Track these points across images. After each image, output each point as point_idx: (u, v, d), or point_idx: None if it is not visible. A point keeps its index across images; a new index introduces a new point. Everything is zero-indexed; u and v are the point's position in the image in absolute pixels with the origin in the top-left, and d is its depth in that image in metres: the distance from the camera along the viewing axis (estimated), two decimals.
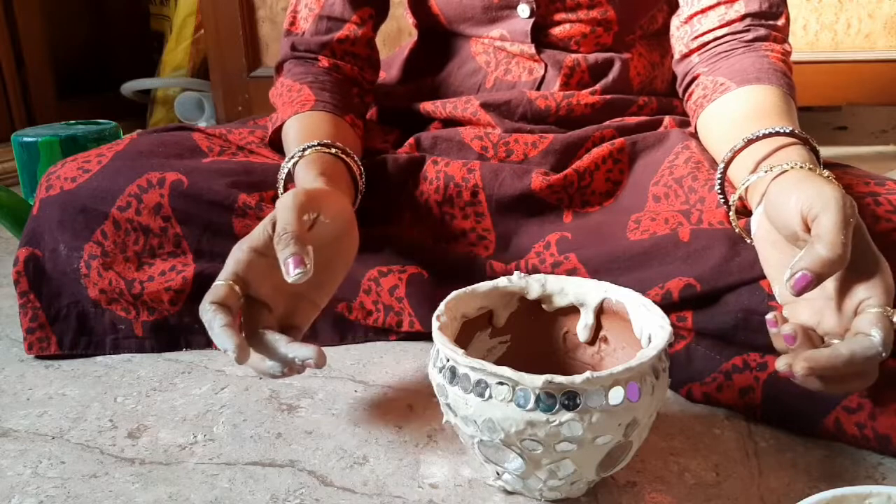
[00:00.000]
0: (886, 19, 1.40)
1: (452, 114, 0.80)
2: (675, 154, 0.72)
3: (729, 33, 0.70)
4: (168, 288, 0.72)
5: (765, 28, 0.70)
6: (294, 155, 0.66)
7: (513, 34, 0.79)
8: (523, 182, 0.72)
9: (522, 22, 0.78)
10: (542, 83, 0.79)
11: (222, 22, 1.59)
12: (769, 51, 0.69)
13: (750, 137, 0.58)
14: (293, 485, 0.53)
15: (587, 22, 0.78)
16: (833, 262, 0.45)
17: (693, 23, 0.73)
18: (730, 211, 0.59)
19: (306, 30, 0.80)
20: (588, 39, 0.79)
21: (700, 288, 0.60)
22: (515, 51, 0.80)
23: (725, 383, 0.61)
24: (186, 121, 1.79)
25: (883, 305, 0.46)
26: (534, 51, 0.79)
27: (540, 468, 0.47)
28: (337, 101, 0.75)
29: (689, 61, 0.73)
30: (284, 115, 0.73)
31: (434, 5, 0.82)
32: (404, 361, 0.71)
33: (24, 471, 0.56)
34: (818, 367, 0.45)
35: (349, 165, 0.68)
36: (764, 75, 0.66)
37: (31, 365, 0.73)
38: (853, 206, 0.48)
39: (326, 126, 0.71)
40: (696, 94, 0.71)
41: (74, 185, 0.72)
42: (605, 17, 0.77)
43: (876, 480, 0.53)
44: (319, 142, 0.66)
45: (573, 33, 0.78)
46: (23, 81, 1.82)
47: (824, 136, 1.73)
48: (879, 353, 0.44)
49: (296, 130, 0.71)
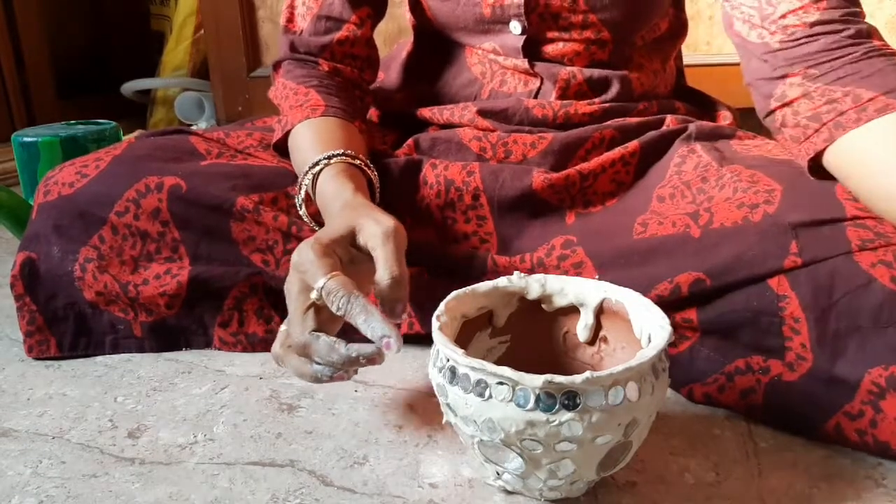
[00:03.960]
0: (887, 19, 1.40)
1: (450, 120, 0.79)
2: (682, 158, 0.72)
3: (820, 21, 0.61)
4: (163, 293, 0.72)
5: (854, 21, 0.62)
6: (319, 161, 0.66)
7: (505, 49, 0.79)
8: (524, 182, 0.71)
9: (514, 38, 0.77)
10: (537, 95, 0.79)
11: (222, 22, 1.60)
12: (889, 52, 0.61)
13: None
14: (293, 485, 0.53)
15: (581, 41, 0.76)
16: None
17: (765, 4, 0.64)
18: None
19: (304, 29, 0.80)
20: (582, 56, 0.77)
21: (710, 283, 0.60)
22: (509, 65, 0.79)
23: (727, 385, 0.61)
24: (186, 121, 1.79)
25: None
26: (527, 65, 0.78)
27: (540, 468, 0.47)
28: (345, 106, 0.75)
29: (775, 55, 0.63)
30: (294, 119, 0.73)
31: (428, 11, 0.82)
32: (404, 361, 0.71)
33: (24, 470, 0.56)
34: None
35: (369, 177, 0.69)
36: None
37: (32, 365, 0.73)
38: None
39: (340, 132, 0.71)
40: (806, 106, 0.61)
41: (72, 191, 0.72)
42: (600, 38, 0.76)
43: (875, 481, 0.53)
44: (343, 151, 0.67)
45: (566, 51, 0.77)
46: (23, 81, 1.82)
47: None
48: None
49: (311, 136, 0.70)
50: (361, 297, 0.51)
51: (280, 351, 0.57)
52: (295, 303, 0.54)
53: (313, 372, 0.54)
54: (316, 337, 0.53)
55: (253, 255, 0.72)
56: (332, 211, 0.62)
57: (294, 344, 0.54)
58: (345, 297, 0.51)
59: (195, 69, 1.88)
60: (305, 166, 0.67)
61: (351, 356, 0.51)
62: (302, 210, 0.68)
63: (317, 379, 0.54)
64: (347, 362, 0.52)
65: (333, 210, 0.62)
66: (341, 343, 0.52)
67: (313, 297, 0.52)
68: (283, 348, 0.56)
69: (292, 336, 0.54)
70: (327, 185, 0.64)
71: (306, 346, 0.53)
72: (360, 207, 0.60)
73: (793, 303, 0.56)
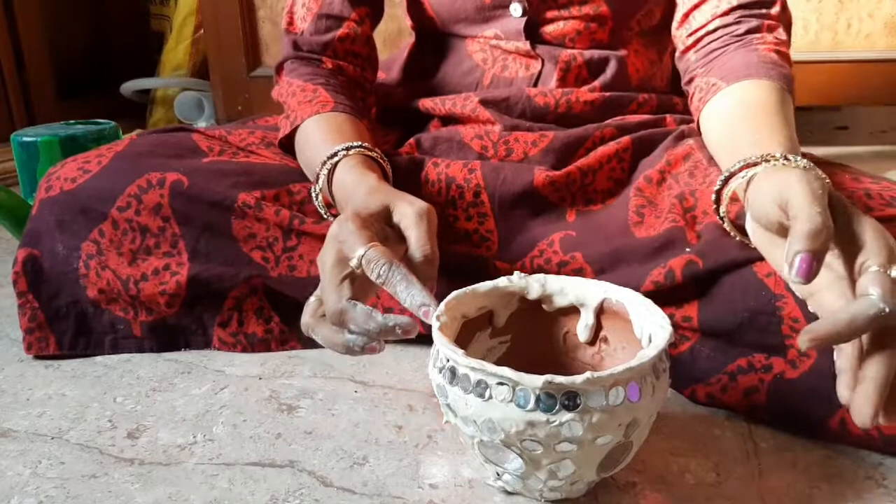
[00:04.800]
0: (886, 19, 1.40)
1: (452, 110, 0.80)
2: (674, 154, 0.72)
3: (721, 26, 0.71)
4: (163, 291, 0.72)
5: (756, 18, 0.70)
6: (337, 152, 0.66)
7: (507, 33, 0.79)
8: (525, 179, 0.72)
9: (515, 21, 0.78)
10: (538, 78, 0.79)
11: (222, 22, 1.59)
12: (761, 43, 0.69)
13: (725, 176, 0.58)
14: (293, 485, 0.53)
15: (580, 18, 0.77)
16: (817, 232, 0.45)
17: (689, 19, 0.73)
18: (724, 222, 0.60)
19: (305, 29, 0.80)
20: (583, 36, 0.78)
21: (702, 265, 0.60)
22: (511, 48, 0.80)
23: (730, 384, 0.60)
24: (186, 121, 1.79)
25: (881, 264, 0.45)
26: (529, 47, 0.79)
27: (540, 468, 0.47)
28: (352, 104, 0.76)
29: (686, 59, 0.74)
30: (304, 114, 0.73)
31: (428, 7, 0.83)
32: (404, 361, 0.71)
33: (23, 471, 0.56)
34: (819, 337, 0.44)
35: (384, 170, 0.69)
36: (753, 70, 0.66)
37: (31, 365, 0.73)
38: (820, 179, 0.49)
39: (351, 127, 0.71)
40: (695, 97, 0.71)
41: (74, 186, 0.72)
42: (598, 13, 0.77)
43: (876, 481, 0.53)
44: (361, 143, 0.67)
45: (567, 31, 0.78)
46: (23, 81, 1.82)
47: (824, 136, 1.73)
48: (882, 310, 0.44)
49: (323, 130, 0.71)
50: (402, 266, 0.52)
51: (311, 321, 0.56)
52: (330, 273, 0.54)
53: (345, 341, 0.53)
54: (353, 305, 0.52)
55: (253, 253, 0.72)
56: (356, 196, 0.62)
57: (330, 312, 0.53)
58: (386, 265, 0.51)
59: (195, 69, 1.88)
60: (320, 158, 0.67)
61: (388, 325, 0.51)
62: (318, 200, 0.68)
63: (348, 348, 0.54)
64: (384, 331, 0.52)
65: (358, 195, 0.62)
66: (378, 312, 0.52)
67: (353, 265, 0.52)
68: (313, 318, 0.56)
69: (327, 305, 0.53)
70: (347, 175, 0.65)
71: (343, 314, 0.53)
72: (390, 191, 0.60)
73: (790, 303, 0.56)
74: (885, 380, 0.44)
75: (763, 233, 0.54)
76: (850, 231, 0.47)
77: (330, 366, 0.71)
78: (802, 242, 0.44)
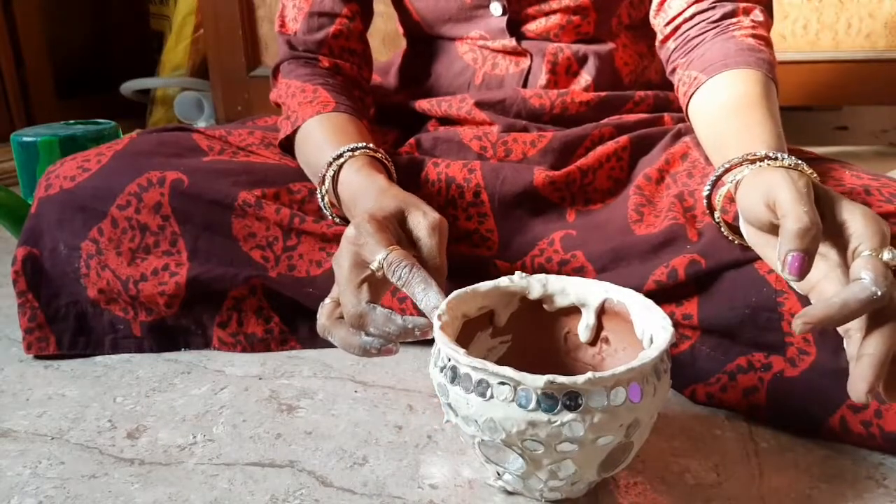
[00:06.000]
0: (887, 19, 1.40)
1: (447, 112, 0.80)
2: (672, 153, 0.72)
3: (697, 13, 0.70)
4: (162, 292, 0.72)
5: (731, 1, 0.70)
6: (343, 153, 0.66)
7: (491, 33, 0.80)
8: (525, 178, 0.72)
9: (497, 20, 0.79)
10: (528, 73, 0.80)
11: (222, 22, 1.60)
12: (737, 29, 0.68)
13: (713, 181, 0.59)
14: (293, 485, 0.53)
15: (562, 11, 0.77)
16: (806, 230, 0.45)
17: (665, 7, 0.72)
18: (720, 227, 0.60)
19: (298, 29, 0.80)
20: (567, 30, 0.78)
21: (705, 264, 0.60)
22: (498, 47, 0.80)
23: (729, 384, 0.60)
24: (186, 120, 1.79)
25: (873, 248, 0.46)
26: (515, 44, 0.79)
27: (541, 468, 0.47)
28: (353, 104, 0.76)
29: (666, 48, 0.73)
30: (305, 115, 0.73)
31: (414, 12, 0.83)
32: (404, 361, 0.71)
33: (23, 471, 0.56)
34: (813, 320, 0.45)
35: (388, 170, 0.69)
36: (731, 60, 0.65)
37: (31, 365, 0.73)
38: (805, 176, 0.50)
39: (353, 128, 0.71)
40: (680, 91, 0.71)
41: (74, 185, 0.72)
42: (579, 5, 0.77)
43: (877, 481, 0.53)
44: (366, 144, 0.67)
45: (550, 26, 0.78)
46: (23, 81, 1.82)
47: (824, 136, 1.73)
48: (874, 293, 0.44)
49: (326, 130, 0.71)
50: (423, 270, 0.52)
51: (327, 323, 0.56)
52: (348, 275, 0.54)
53: (362, 343, 0.54)
54: (373, 308, 0.53)
55: (253, 252, 0.72)
56: (366, 197, 0.62)
57: (349, 315, 0.54)
58: (407, 268, 0.52)
59: (195, 69, 1.88)
60: (325, 159, 0.67)
61: (407, 326, 0.52)
62: (325, 201, 0.68)
63: (365, 351, 0.54)
64: (403, 333, 0.53)
65: (368, 197, 0.62)
66: (397, 314, 0.53)
67: (374, 267, 0.53)
68: (329, 320, 0.56)
69: (346, 308, 0.54)
70: (355, 176, 0.65)
71: (363, 317, 0.53)
72: (402, 194, 0.61)
73: (791, 299, 0.57)
74: (882, 356, 0.44)
75: (757, 233, 0.54)
76: (840, 220, 0.48)
77: (330, 366, 0.71)
78: (792, 242, 0.45)
